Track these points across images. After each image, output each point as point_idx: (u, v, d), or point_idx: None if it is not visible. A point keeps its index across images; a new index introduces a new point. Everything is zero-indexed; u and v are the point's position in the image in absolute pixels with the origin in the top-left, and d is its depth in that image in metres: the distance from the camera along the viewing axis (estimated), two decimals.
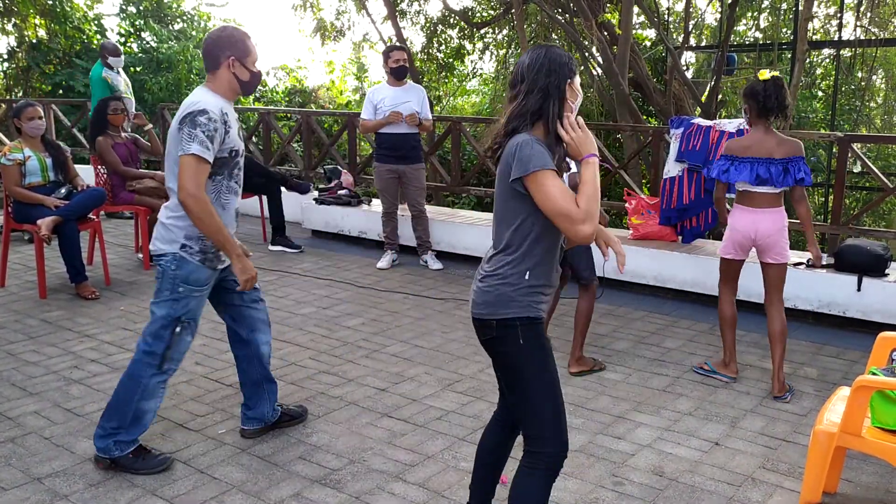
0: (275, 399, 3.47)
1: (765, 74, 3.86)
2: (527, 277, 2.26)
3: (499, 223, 2.33)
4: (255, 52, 3.13)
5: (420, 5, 15.18)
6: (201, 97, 3.01)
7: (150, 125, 6.49)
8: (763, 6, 13.27)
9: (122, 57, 8.18)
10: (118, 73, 8.14)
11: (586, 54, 11.62)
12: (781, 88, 3.82)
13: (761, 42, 13.38)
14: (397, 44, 9.72)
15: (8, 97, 13.43)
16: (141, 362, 3.08)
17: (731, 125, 5.58)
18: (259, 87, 17.47)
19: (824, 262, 5.24)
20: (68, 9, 13.51)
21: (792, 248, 4.21)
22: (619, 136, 12.51)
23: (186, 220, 3.00)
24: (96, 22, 14.21)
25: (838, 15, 12.40)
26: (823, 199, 12.63)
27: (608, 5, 12.73)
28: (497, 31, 15.63)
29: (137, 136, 6.47)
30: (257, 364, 3.40)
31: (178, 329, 3.07)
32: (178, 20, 15.16)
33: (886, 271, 4.97)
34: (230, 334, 3.40)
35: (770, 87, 3.80)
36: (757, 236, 3.90)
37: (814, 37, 13.49)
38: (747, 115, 3.98)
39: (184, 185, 2.90)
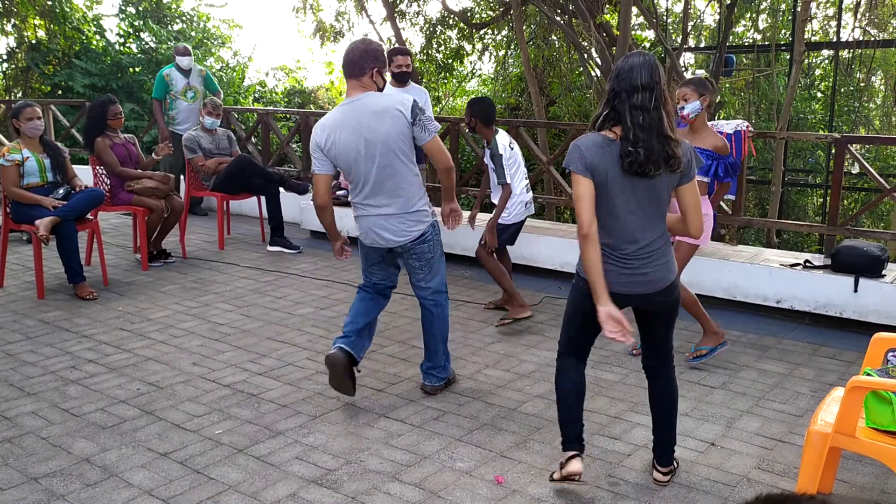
0: (371, 339, 3.98)
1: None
2: None
3: (662, 212, 2.82)
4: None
5: (419, 6, 15.17)
6: (394, 94, 3.75)
7: (161, 155, 6.43)
8: (762, 7, 13.27)
9: (190, 57, 8.12)
10: (188, 72, 8.07)
11: (585, 55, 11.63)
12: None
13: (760, 43, 13.38)
14: (400, 47, 9.70)
15: (7, 98, 13.44)
16: (444, 304, 3.89)
17: (728, 126, 5.58)
18: (258, 87, 17.44)
19: (821, 263, 5.26)
20: (67, 9, 13.50)
21: (791, 247, 4.22)
22: None
23: (421, 194, 3.70)
24: (95, 23, 14.19)
25: (837, 16, 12.40)
26: (822, 199, 12.64)
27: (607, 6, 12.73)
28: (496, 32, 15.63)
29: (136, 138, 6.48)
30: (382, 305, 4.03)
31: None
32: (178, 21, 15.14)
33: (883, 272, 4.98)
34: (380, 296, 3.94)
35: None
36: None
37: (813, 38, 13.49)
38: (701, 107, 4.15)
39: (448, 157, 3.72)
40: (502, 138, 5.00)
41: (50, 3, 13.26)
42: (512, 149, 5.04)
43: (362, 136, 3.52)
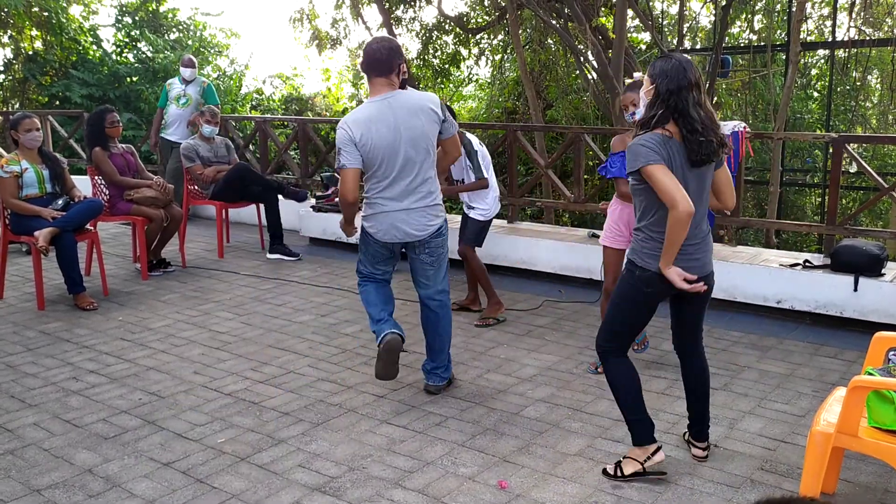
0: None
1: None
2: None
3: (705, 199, 3.00)
4: None
5: (415, 12, 15.22)
6: (420, 92, 3.81)
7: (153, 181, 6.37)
8: (757, 8, 13.30)
9: (193, 69, 8.11)
10: (189, 82, 8.08)
11: (581, 59, 11.65)
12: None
13: (755, 44, 13.41)
14: None
15: (4, 109, 13.45)
16: (448, 303, 4.01)
17: (726, 127, 5.60)
18: (255, 95, 17.45)
19: (820, 263, 5.27)
20: (64, 20, 13.51)
21: (790, 248, 4.22)
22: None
23: (438, 188, 3.83)
24: (92, 33, 14.22)
25: (832, 16, 12.44)
26: (820, 199, 12.65)
27: (602, 9, 12.77)
28: (492, 37, 15.67)
29: (133, 148, 6.49)
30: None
31: None
32: (174, 30, 15.17)
33: (883, 271, 4.98)
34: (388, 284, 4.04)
35: None
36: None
37: (808, 38, 13.52)
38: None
39: (461, 149, 4.05)
40: (473, 137, 5.12)
41: (46, 14, 13.28)
42: (481, 146, 5.14)
43: (399, 133, 3.63)
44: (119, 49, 14.37)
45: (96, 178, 6.25)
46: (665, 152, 2.81)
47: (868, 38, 11.81)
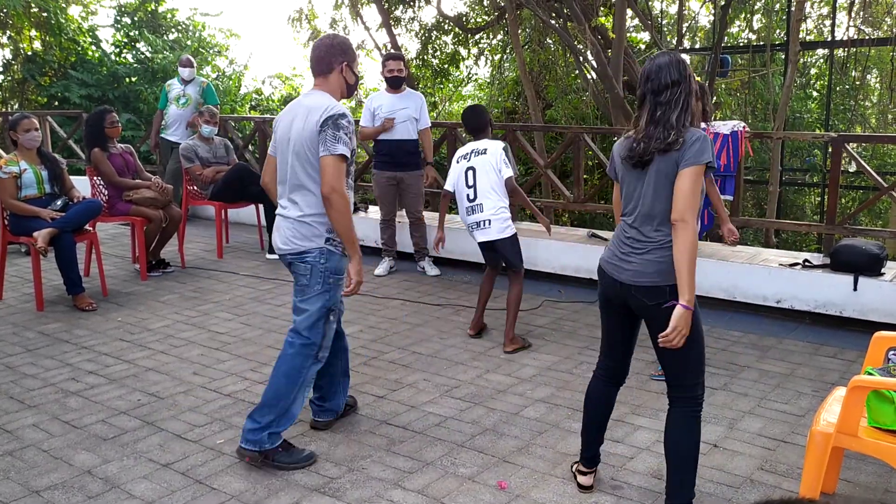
0: (346, 393, 3.64)
1: None
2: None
3: (662, 201, 2.65)
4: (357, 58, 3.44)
5: (414, 12, 15.21)
6: (330, 101, 3.22)
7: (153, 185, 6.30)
8: (756, 8, 13.31)
9: (192, 69, 8.11)
10: (189, 83, 8.08)
11: (580, 58, 11.65)
12: None
13: (755, 43, 13.41)
14: (394, 52, 9.72)
15: (4, 109, 13.44)
16: (300, 355, 3.25)
17: (725, 127, 5.60)
18: (255, 95, 17.44)
19: (820, 263, 5.26)
20: (63, 21, 13.51)
21: (789, 247, 4.21)
22: (614, 139, 12.52)
23: (315, 209, 3.20)
24: (91, 33, 14.21)
25: (831, 15, 12.44)
26: (819, 198, 12.65)
27: (602, 9, 12.76)
28: (492, 37, 15.67)
29: (133, 148, 6.49)
30: (343, 355, 3.58)
31: (330, 318, 3.29)
32: (173, 30, 15.17)
33: (882, 270, 4.98)
34: None
35: None
36: None
37: (807, 37, 13.53)
38: None
39: (331, 182, 3.10)
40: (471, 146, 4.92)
41: (45, 14, 13.27)
42: (461, 162, 4.84)
43: (286, 129, 3.28)
44: (118, 49, 14.37)
45: (95, 178, 6.25)
46: (616, 153, 2.83)
47: (867, 37, 11.82)
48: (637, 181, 2.73)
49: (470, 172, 4.71)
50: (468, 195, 4.70)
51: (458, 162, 4.82)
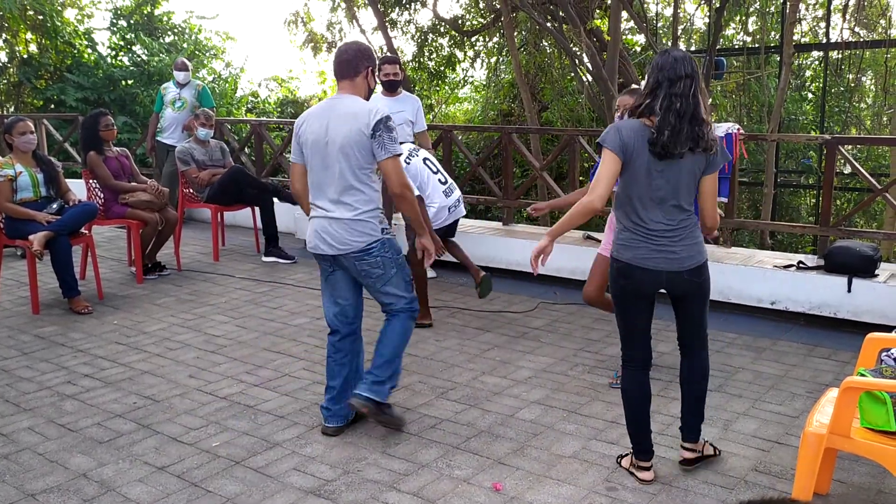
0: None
1: None
2: None
3: (691, 193, 2.97)
4: None
5: (410, 15, 15.23)
6: (369, 104, 3.45)
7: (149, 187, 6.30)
8: (751, 10, 13.34)
9: (187, 72, 8.12)
10: (184, 86, 8.09)
11: (576, 61, 11.68)
12: None
13: (749, 46, 13.45)
14: (390, 55, 9.73)
15: None
16: (409, 318, 3.60)
17: (720, 129, 5.62)
18: (251, 98, 17.47)
19: (814, 264, 5.28)
20: (59, 24, 13.49)
21: (784, 249, 4.23)
22: None
23: (377, 209, 3.47)
24: (87, 36, 14.19)
25: (826, 17, 12.47)
26: (814, 200, 12.69)
27: (597, 12, 12.80)
28: (487, 39, 15.69)
29: (128, 151, 6.49)
30: (358, 359, 3.72)
31: (407, 279, 3.62)
32: (169, 33, 15.15)
33: (876, 272, 5.00)
34: (352, 330, 3.67)
35: None
36: None
37: (802, 39, 13.56)
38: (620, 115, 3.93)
39: (399, 181, 3.43)
40: (407, 147, 5.24)
41: (41, 17, 13.25)
42: (413, 157, 5.14)
43: (325, 135, 3.39)
44: (114, 52, 14.35)
45: (91, 181, 6.25)
46: (632, 141, 2.88)
47: (862, 39, 11.86)
48: (662, 172, 2.89)
49: (428, 162, 5.13)
50: (440, 179, 5.14)
51: (408, 162, 5.05)
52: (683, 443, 3.20)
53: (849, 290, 4.94)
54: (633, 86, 4.14)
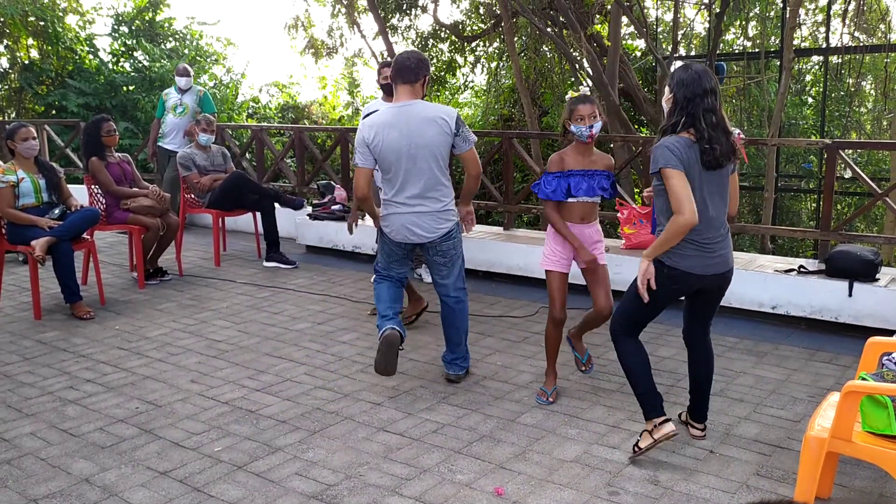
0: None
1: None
2: None
3: (728, 199, 3.23)
4: None
5: (411, 20, 15.27)
6: (441, 105, 4.03)
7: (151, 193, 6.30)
8: (751, 15, 13.37)
9: (189, 78, 8.15)
10: (185, 91, 8.11)
11: (576, 66, 11.70)
12: None
13: (749, 50, 13.47)
14: (390, 60, 9.77)
15: (1, 118, 13.44)
16: (465, 300, 4.20)
17: None
18: (251, 103, 17.50)
19: (815, 269, 5.29)
20: (60, 30, 13.52)
21: (785, 253, 4.24)
22: (610, 145, 12.57)
23: (451, 196, 4.05)
24: (88, 42, 14.22)
25: (826, 22, 12.50)
26: (815, 204, 12.69)
27: (597, 17, 12.82)
28: (488, 45, 15.72)
29: (130, 157, 6.51)
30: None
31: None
32: (170, 39, 15.19)
33: (877, 276, 5.01)
34: (401, 284, 4.28)
35: None
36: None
37: (802, 44, 13.59)
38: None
39: (479, 166, 4.11)
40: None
41: (42, 23, 13.29)
42: None
43: (409, 139, 3.86)
44: (115, 58, 14.38)
45: (93, 187, 6.26)
46: (686, 156, 3.02)
47: (861, 44, 11.88)
48: (709, 184, 3.09)
49: None
50: None
51: None
52: (693, 422, 3.55)
53: (850, 295, 4.94)
54: (582, 88, 4.19)
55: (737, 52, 13.86)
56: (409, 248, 4.13)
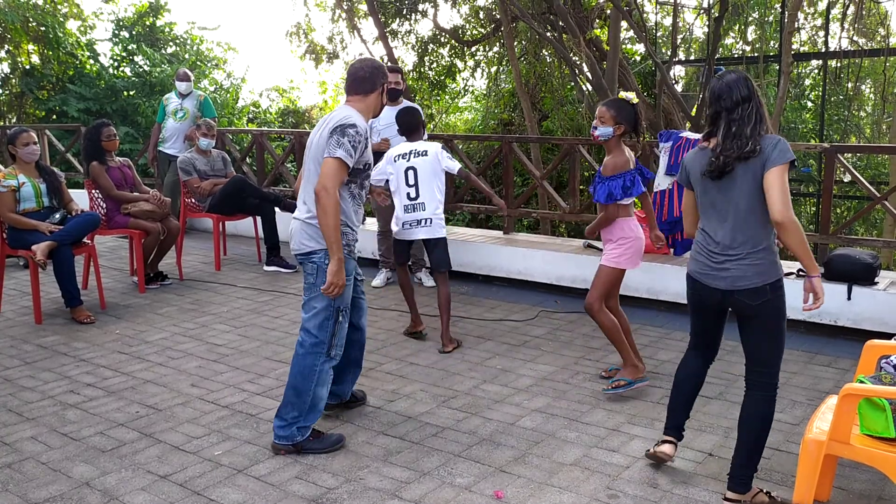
0: (354, 382, 3.89)
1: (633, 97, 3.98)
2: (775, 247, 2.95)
3: (755, 207, 2.87)
4: None
5: (411, 25, 15.31)
6: (351, 113, 3.42)
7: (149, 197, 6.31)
8: (750, 20, 13.41)
9: (189, 83, 8.17)
10: (186, 96, 8.14)
11: (576, 70, 11.72)
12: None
13: (749, 55, 13.50)
14: (391, 65, 9.80)
15: (2, 123, 13.48)
16: (310, 354, 3.43)
17: None
18: (252, 108, 17.54)
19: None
20: (61, 35, 13.57)
21: (784, 257, 4.25)
22: None
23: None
24: (89, 47, 14.27)
25: (824, 26, 12.53)
26: (814, 208, 12.70)
27: (596, 22, 12.86)
28: (487, 49, 15.76)
29: (131, 161, 6.53)
30: (357, 348, 3.81)
31: (339, 318, 3.45)
32: (171, 44, 15.24)
33: (876, 279, 5.02)
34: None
35: (640, 110, 4.03)
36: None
37: (801, 48, 13.62)
38: (613, 134, 3.96)
39: (323, 181, 3.27)
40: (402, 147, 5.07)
41: (43, 28, 13.33)
42: (393, 163, 4.97)
43: (312, 140, 3.48)
44: (116, 63, 14.43)
45: (93, 191, 6.28)
46: (690, 166, 3.04)
47: (860, 48, 11.91)
48: (721, 192, 2.93)
49: (410, 172, 4.89)
50: (409, 193, 4.90)
51: (395, 161, 4.95)
52: (728, 487, 2.98)
53: (849, 298, 4.95)
54: (627, 95, 4.08)
55: (736, 56, 13.90)
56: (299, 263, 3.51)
